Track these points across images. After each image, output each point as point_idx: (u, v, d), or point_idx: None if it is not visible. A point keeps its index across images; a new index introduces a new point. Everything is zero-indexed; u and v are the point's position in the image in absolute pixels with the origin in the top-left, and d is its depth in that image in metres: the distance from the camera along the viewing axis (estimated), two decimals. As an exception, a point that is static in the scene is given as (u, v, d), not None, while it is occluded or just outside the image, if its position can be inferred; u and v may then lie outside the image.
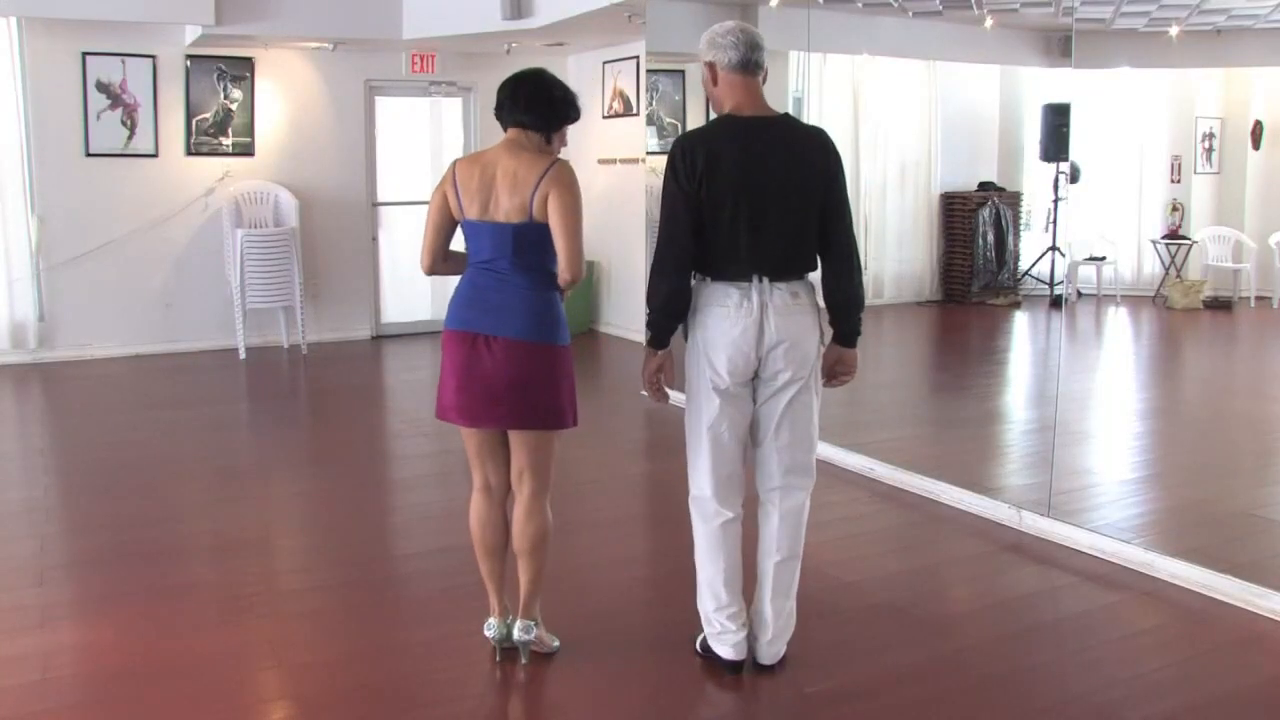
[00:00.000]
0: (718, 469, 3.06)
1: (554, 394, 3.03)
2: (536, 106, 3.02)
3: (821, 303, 3.09)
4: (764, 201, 2.92)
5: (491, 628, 3.18)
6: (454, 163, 3.08)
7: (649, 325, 3.08)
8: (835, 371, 3.12)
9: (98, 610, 3.62)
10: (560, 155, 3.08)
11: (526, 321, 2.98)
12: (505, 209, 2.96)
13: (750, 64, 2.98)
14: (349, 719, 2.93)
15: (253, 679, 3.17)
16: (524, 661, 3.16)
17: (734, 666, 3.12)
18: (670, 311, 3.02)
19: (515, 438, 3.07)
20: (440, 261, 3.13)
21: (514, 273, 2.99)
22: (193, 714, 2.93)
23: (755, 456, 3.11)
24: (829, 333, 3.10)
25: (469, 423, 3.06)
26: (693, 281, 3.03)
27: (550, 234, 2.95)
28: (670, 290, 2.99)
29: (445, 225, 3.09)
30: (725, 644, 3.12)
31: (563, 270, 2.97)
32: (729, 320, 2.96)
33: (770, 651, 3.13)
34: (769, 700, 3.04)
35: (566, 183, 2.95)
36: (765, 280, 2.95)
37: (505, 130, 3.06)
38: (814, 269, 3.05)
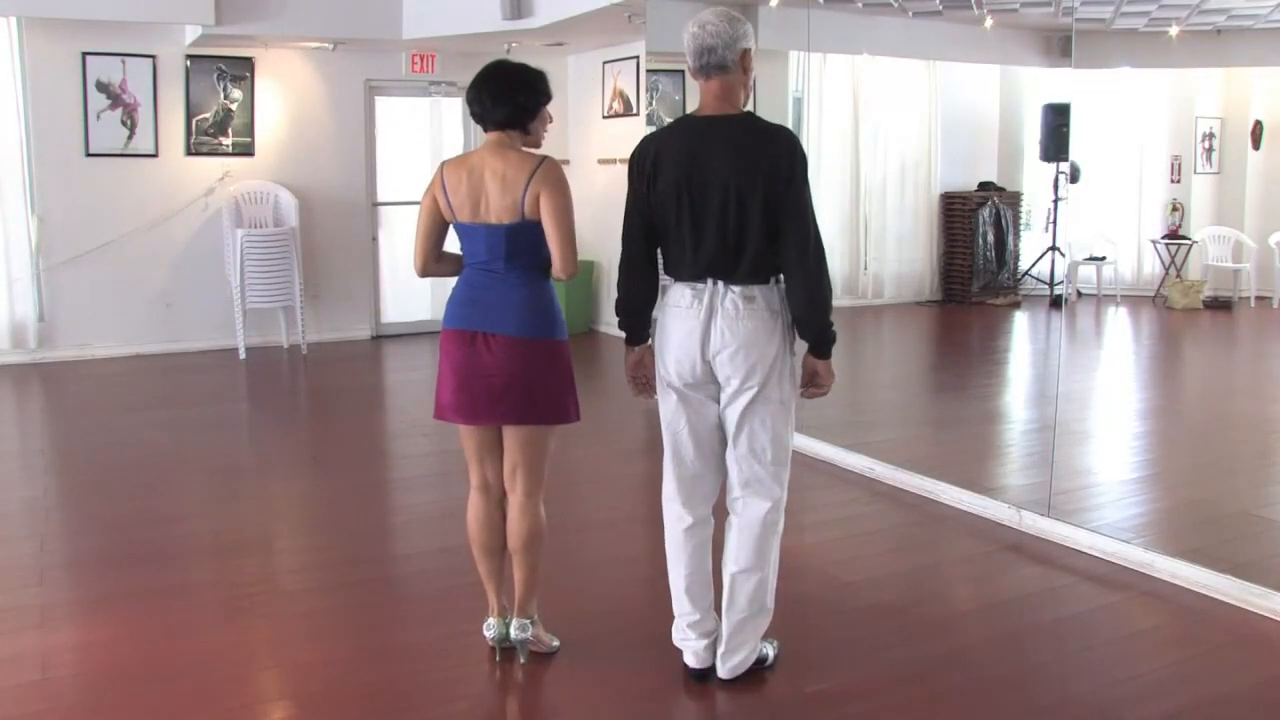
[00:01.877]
0: (678, 470, 3.05)
1: (554, 388, 3.05)
2: (504, 105, 3.01)
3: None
4: (705, 201, 2.87)
5: (491, 628, 3.18)
6: (441, 165, 3.09)
7: (619, 324, 3.12)
8: (809, 383, 3.02)
9: (98, 610, 3.61)
10: (557, 156, 3.10)
11: (523, 318, 3.00)
12: (496, 210, 2.97)
13: (702, 69, 2.91)
14: (349, 719, 2.93)
15: (253, 679, 3.17)
16: (522, 661, 3.16)
17: (694, 674, 3.09)
18: (625, 309, 3.07)
19: (510, 434, 3.08)
20: (432, 263, 3.15)
21: (509, 271, 3.01)
22: (193, 714, 2.93)
23: (727, 462, 3.05)
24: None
25: (468, 420, 3.07)
26: (663, 281, 3.04)
27: (541, 231, 2.98)
28: (624, 289, 3.05)
29: (436, 228, 3.10)
30: (686, 650, 3.11)
31: (557, 269, 2.99)
32: (679, 319, 2.95)
33: (725, 665, 3.05)
34: (769, 700, 3.04)
35: (555, 181, 2.97)
36: (719, 283, 2.90)
37: (485, 132, 3.07)
38: (777, 271, 2.94)
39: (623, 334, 3.12)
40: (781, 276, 2.95)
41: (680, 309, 2.95)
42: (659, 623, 3.28)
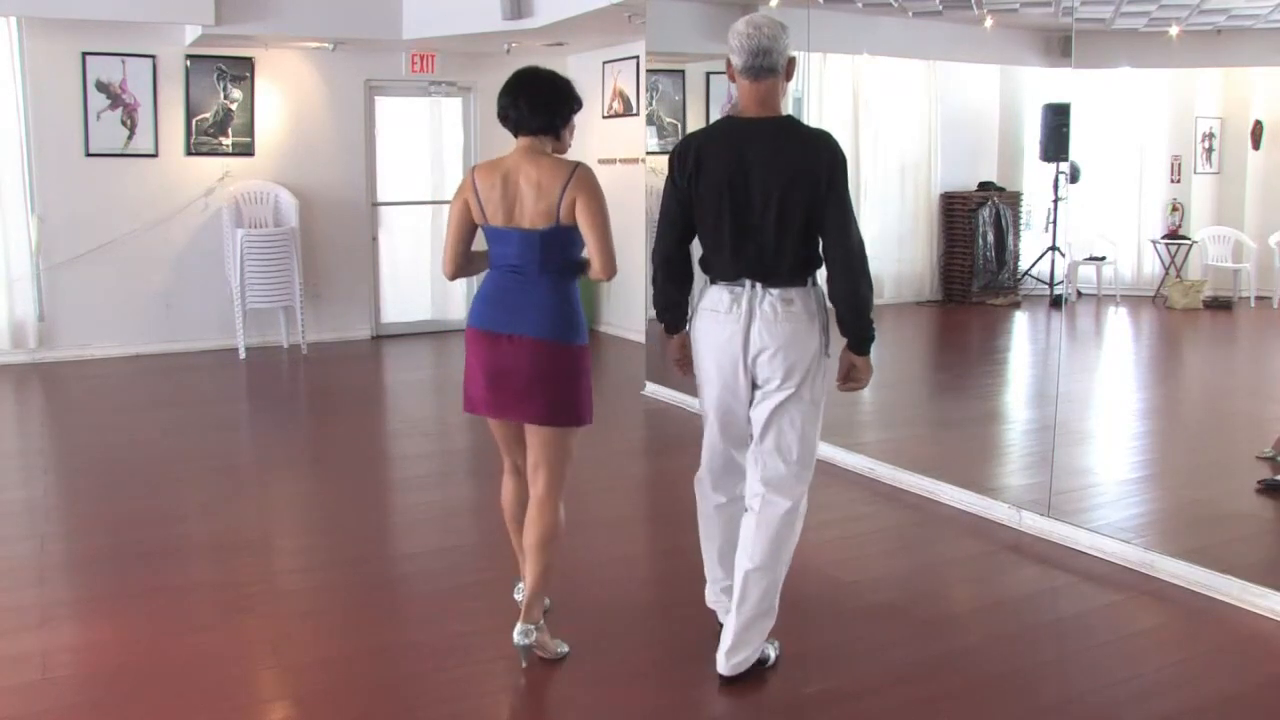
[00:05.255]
0: (713, 456, 3.18)
1: (573, 392, 3.12)
2: (541, 112, 3.08)
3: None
4: (748, 204, 2.91)
5: (520, 591, 3.28)
6: (472, 169, 3.15)
7: (656, 316, 3.22)
8: (846, 378, 3.11)
9: (98, 610, 3.61)
10: (567, 156, 3.16)
11: (547, 321, 3.06)
12: (531, 215, 3.03)
13: (752, 70, 2.92)
14: (349, 719, 2.93)
15: (253, 679, 3.17)
16: (523, 665, 3.16)
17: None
18: (663, 305, 3.17)
19: (531, 433, 3.16)
20: (464, 267, 3.22)
21: (540, 275, 3.08)
22: (193, 713, 2.93)
23: (748, 458, 3.12)
24: (840, 340, 3.08)
25: (496, 415, 3.19)
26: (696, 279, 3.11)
27: (573, 235, 3.05)
28: (661, 288, 3.15)
29: (467, 232, 3.17)
30: (720, 610, 3.22)
31: (598, 271, 3.05)
32: (717, 324, 2.99)
33: (729, 662, 3.06)
34: (769, 700, 3.04)
35: (591, 187, 3.02)
36: (757, 286, 2.95)
37: (516, 137, 3.11)
38: (814, 272, 3.00)
39: (661, 324, 3.21)
40: (818, 279, 3.00)
41: (719, 314, 2.99)
42: (658, 623, 3.29)
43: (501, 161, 3.11)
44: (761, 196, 2.89)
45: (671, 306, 3.15)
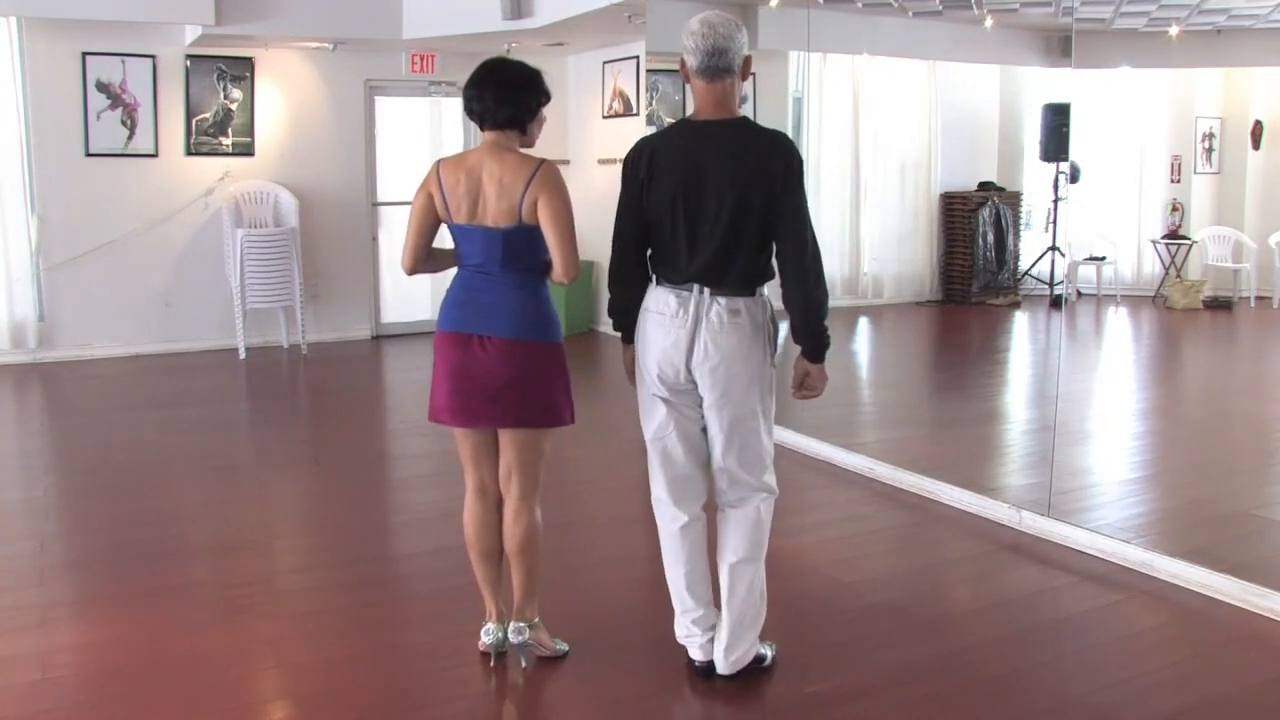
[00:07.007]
0: (669, 472, 3.07)
1: (549, 391, 3.03)
2: (506, 105, 2.97)
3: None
4: (701, 210, 2.85)
5: (489, 633, 3.17)
6: (437, 163, 3.04)
7: (613, 324, 3.16)
8: (800, 385, 3.04)
9: (97, 610, 3.62)
10: (557, 156, 3.08)
11: (519, 321, 2.99)
12: (493, 213, 2.94)
13: (708, 70, 2.85)
14: (349, 719, 2.93)
15: (253, 679, 3.17)
16: (523, 665, 3.16)
17: (700, 668, 3.11)
18: (618, 311, 3.11)
19: (505, 437, 3.07)
20: (423, 261, 3.10)
21: (505, 274, 2.99)
22: (192, 714, 2.93)
23: (711, 466, 3.07)
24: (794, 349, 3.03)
25: (463, 423, 3.06)
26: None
27: (538, 234, 2.95)
28: (615, 294, 3.10)
29: (428, 226, 3.06)
30: (691, 645, 3.13)
31: (558, 273, 2.97)
32: (663, 329, 2.94)
33: (727, 660, 3.05)
34: (769, 700, 3.04)
35: (554, 186, 2.93)
36: (705, 292, 2.89)
37: (482, 130, 3.03)
38: (763, 283, 2.94)
39: (618, 334, 3.14)
40: (765, 289, 2.95)
41: (665, 317, 2.93)
42: (659, 623, 3.29)
43: (466, 156, 3.01)
44: (715, 202, 2.84)
45: (625, 314, 3.08)
